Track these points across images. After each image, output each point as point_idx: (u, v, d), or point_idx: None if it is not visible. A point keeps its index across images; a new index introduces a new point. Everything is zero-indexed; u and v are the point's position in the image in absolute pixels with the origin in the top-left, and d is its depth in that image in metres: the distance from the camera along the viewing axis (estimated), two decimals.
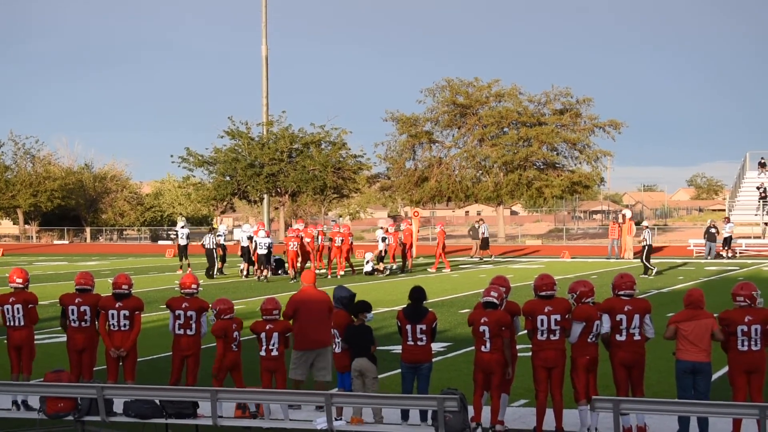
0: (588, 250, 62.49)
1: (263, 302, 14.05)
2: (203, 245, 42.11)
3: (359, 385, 13.33)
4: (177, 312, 14.49)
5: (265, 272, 39.74)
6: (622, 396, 12.80)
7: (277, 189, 67.98)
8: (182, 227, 45.59)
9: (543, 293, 13.21)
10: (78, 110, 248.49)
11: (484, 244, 55.30)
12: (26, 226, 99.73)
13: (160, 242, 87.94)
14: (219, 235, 43.34)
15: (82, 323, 14.74)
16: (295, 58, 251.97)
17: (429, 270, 44.59)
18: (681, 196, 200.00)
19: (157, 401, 12.63)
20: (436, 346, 16.46)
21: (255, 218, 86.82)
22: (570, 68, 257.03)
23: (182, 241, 44.23)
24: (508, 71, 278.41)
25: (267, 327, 13.70)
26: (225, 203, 70.44)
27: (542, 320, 13.03)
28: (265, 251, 39.66)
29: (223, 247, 43.35)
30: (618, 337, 12.97)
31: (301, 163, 67.19)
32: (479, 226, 55.67)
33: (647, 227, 43.29)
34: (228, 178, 68.87)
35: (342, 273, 41.28)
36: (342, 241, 41.49)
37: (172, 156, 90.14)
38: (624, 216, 55.35)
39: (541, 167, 79.11)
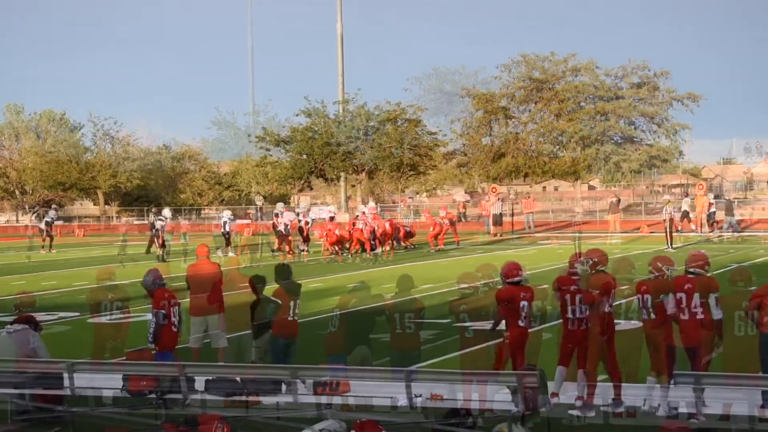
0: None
1: None
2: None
3: None
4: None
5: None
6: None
7: (353, 167, 68.05)
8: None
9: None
10: (157, 91, 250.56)
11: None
12: (106, 207, 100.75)
13: (239, 221, 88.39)
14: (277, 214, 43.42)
15: None
16: (370, 34, 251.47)
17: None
18: (761, 169, 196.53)
19: (238, 379, 12.70)
20: (424, 334, 16.22)
21: (332, 197, 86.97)
22: (648, 41, 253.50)
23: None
24: (585, 45, 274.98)
25: None
26: (302, 182, 70.59)
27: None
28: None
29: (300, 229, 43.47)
30: (681, 317, 12.66)
31: (378, 141, 67.11)
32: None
33: (669, 201, 42.90)
34: (305, 156, 69.03)
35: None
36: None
37: (249, 135, 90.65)
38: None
39: (619, 141, 78.47)
